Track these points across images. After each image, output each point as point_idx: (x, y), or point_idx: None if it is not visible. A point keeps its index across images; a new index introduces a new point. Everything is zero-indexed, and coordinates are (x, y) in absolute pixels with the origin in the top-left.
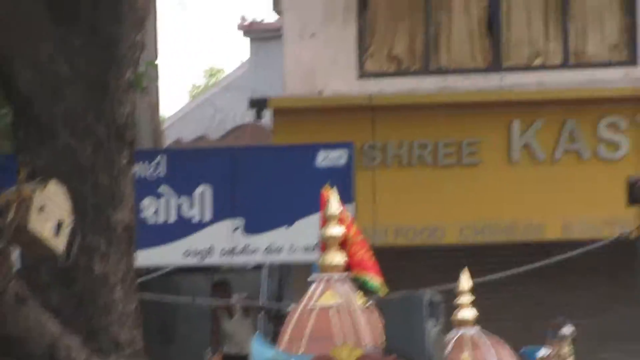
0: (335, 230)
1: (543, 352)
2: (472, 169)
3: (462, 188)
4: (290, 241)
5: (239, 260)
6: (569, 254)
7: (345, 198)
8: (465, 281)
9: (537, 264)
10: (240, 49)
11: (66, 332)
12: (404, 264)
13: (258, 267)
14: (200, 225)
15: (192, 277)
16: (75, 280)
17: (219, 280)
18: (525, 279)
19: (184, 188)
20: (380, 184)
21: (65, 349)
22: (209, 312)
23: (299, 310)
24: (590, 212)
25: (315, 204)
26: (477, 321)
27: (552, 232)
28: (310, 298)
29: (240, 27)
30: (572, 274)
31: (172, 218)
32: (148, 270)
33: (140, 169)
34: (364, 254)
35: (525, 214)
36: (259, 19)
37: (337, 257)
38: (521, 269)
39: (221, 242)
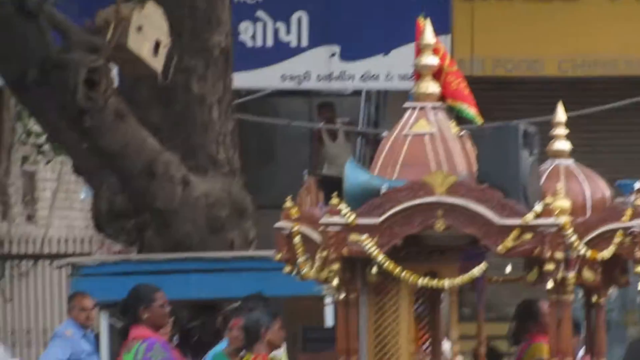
0: (430, 59)
1: None
2: (573, 3)
3: (563, 21)
4: (386, 69)
5: (335, 85)
6: None
7: (442, 29)
8: (562, 113)
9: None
10: None
11: (165, 149)
12: (500, 95)
13: (357, 93)
14: (297, 50)
15: (291, 100)
16: (173, 99)
17: (324, 102)
18: (625, 112)
19: (281, 13)
20: (479, 15)
21: (164, 165)
22: (309, 134)
23: (393, 136)
24: None
25: (412, 34)
26: (573, 153)
27: None
28: (404, 125)
29: None
30: None
31: (269, 42)
32: (247, 93)
33: None
34: (459, 84)
35: (626, 49)
36: None
37: (431, 86)
38: (620, 103)
39: (318, 67)
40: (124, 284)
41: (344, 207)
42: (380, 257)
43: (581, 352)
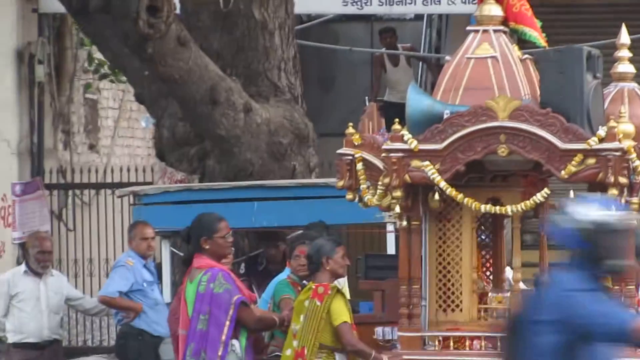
0: None
1: None
2: None
3: None
4: None
5: (397, 10)
6: None
7: None
8: (625, 35)
9: None
10: None
11: (227, 76)
12: (563, 18)
13: (418, 17)
14: None
15: (352, 25)
16: (235, 25)
17: (385, 27)
18: None
19: None
20: None
21: (226, 91)
22: (370, 60)
23: (455, 61)
24: None
25: None
26: (637, 76)
27: None
28: (467, 49)
29: None
30: None
31: None
32: (308, 18)
33: None
34: (522, 7)
35: None
36: None
37: (494, 9)
38: None
39: None
40: (185, 213)
41: (406, 133)
42: (443, 184)
43: None
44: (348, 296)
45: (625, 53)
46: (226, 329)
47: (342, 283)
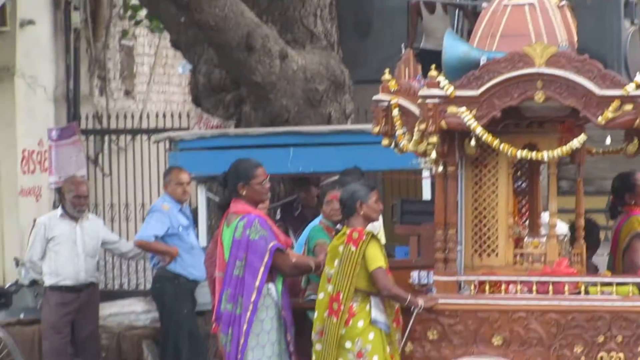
0: None
1: None
2: None
3: None
4: None
5: None
6: None
7: None
8: None
9: None
10: None
11: (263, 22)
12: None
13: None
14: None
15: None
16: None
17: None
18: None
19: None
20: None
21: (262, 38)
22: (406, 7)
23: (492, 7)
24: None
25: None
26: None
27: None
28: None
29: None
30: None
31: None
32: None
33: None
34: None
35: None
36: None
37: None
38: None
39: None
40: (221, 158)
41: (442, 80)
42: (479, 130)
43: None
44: (383, 240)
45: None
46: (260, 275)
47: (378, 227)
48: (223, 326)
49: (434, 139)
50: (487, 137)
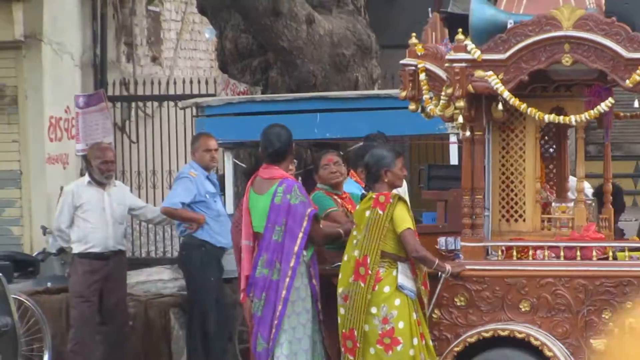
0: None
1: None
2: None
3: None
4: None
5: None
6: None
7: None
8: None
9: None
10: None
11: None
12: None
13: None
14: None
15: None
16: None
17: None
18: None
19: None
20: None
21: (288, 2)
22: None
23: None
24: None
25: None
26: None
27: None
28: None
29: None
30: None
31: None
32: None
33: None
34: None
35: None
36: None
37: None
38: None
39: None
40: (248, 124)
41: (469, 43)
42: (506, 93)
43: None
44: (408, 201)
45: None
46: (299, 241)
47: (402, 192)
48: (257, 291)
49: (461, 103)
50: (514, 101)
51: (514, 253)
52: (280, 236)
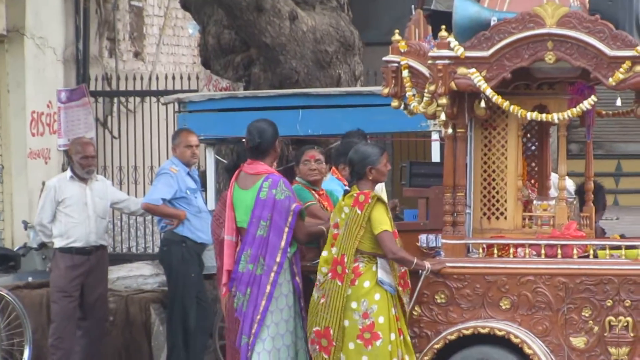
0: None
1: None
2: None
3: None
4: None
5: None
6: None
7: None
8: None
9: None
10: None
11: None
12: None
13: None
14: None
15: None
16: None
17: None
18: None
19: None
20: None
21: None
22: None
23: None
24: None
25: None
26: None
27: None
28: None
29: None
30: None
31: None
32: None
33: None
34: None
35: None
36: None
37: None
38: None
39: None
40: (230, 121)
41: (452, 40)
42: (489, 91)
43: None
44: (386, 199)
45: None
46: (285, 235)
47: (380, 189)
48: (240, 286)
49: (443, 100)
50: (497, 98)
51: (495, 251)
52: (265, 231)
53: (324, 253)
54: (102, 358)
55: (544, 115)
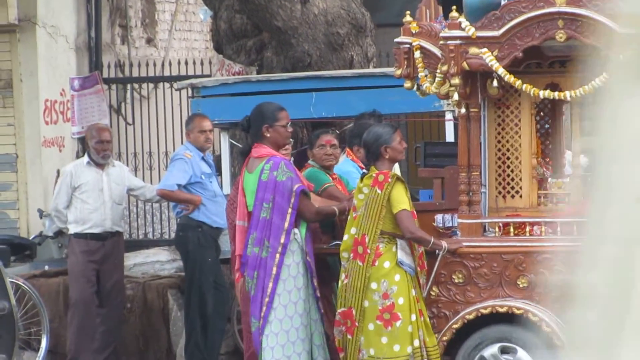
0: None
1: None
2: None
3: None
4: None
5: None
6: None
7: None
8: None
9: None
10: None
11: None
12: None
13: None
14: None
15: None
16: None
17: None
18: None
19: None
20: None
21: None
22: None
23: None
24: None
25: None
26: None
27: None
28: None
29: None
30: None
31: None
32: None
33: None
34: None
35: None
36: None
37: None
38: None
39: None
40: (243, 105)
41: (463, 20)
42: (501, 70)
43: None
44: None
45: None
46: (289, 217)
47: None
48: (249, 270)
49: (456, 80)
50: (509, 77)
51: (511, 229)
52: (269, 213)
53: (345, 237)
54: (120, 345)
55: (556, 94)
